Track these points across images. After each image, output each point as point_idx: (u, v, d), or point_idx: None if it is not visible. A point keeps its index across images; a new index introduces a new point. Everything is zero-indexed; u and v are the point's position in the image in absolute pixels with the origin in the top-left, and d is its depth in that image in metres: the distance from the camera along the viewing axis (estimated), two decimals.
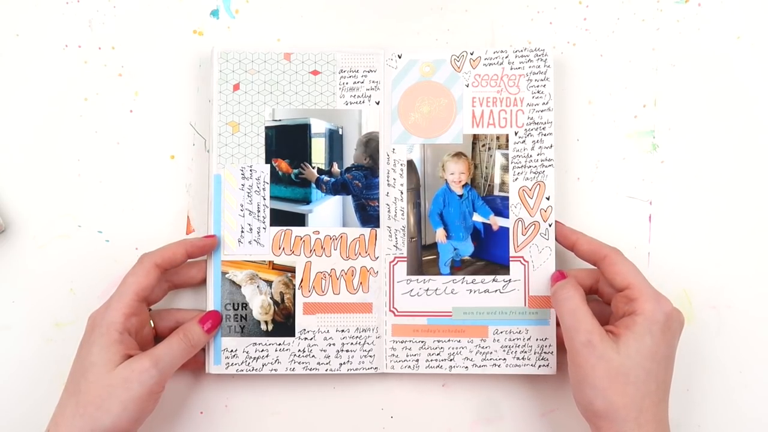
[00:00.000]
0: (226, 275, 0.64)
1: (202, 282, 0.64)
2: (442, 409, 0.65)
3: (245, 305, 0.64)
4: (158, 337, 0.61)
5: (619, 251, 0.60)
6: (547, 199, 0.63)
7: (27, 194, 0.65)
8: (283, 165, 0.65)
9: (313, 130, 0.65)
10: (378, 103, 0.65)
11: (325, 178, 0.65)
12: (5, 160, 0.65)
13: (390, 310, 0.65)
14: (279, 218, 0.65)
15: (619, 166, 0.66)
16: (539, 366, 0.63)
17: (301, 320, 0.64)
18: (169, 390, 0.59)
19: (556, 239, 0.63)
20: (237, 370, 0.63)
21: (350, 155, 0.65)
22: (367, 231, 0.65)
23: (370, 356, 0.64)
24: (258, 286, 0.64)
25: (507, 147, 0.64)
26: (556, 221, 0.63)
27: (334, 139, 0.65)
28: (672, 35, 0.66)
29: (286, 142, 0.65)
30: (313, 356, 0.64)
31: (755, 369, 0.65)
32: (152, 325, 0.61)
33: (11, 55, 0.65)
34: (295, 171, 0.65)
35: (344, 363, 0.64)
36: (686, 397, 0.65)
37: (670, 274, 0.65)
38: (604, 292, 0.62)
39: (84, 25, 0.66)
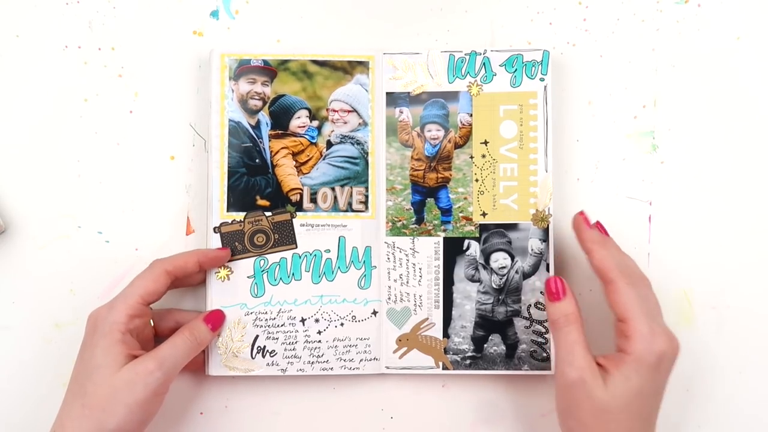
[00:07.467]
0: None
1: (203, 282, 0.64)
2: (441, 409, 0.65)
3: None
4: (157, 337, 0.61)
5: (626, 278, 0.56)
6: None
7: (27, 194, 0.65)
8: None
9: None
10: None
11: None
12: (5, 160, 0.65)
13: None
14: None
15: (619, 167, 0.66)
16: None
17: None
18: (170, 391, 0.58)
19: (573, 227, 0.60)
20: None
21: None
22: None
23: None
24: None
25: None
26: (582, 214, 0.60)
27: None
28: (672, 36, 0.66)
29: None
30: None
31: (755, 369, 0.65)
32: (152, 324, 0.61)
33: (11, 56, 0.65)
34: None
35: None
36: (686, 397, 0.65)
37: (670, 275, 0.65)
38: None
39: (84, 26, 0.66)
